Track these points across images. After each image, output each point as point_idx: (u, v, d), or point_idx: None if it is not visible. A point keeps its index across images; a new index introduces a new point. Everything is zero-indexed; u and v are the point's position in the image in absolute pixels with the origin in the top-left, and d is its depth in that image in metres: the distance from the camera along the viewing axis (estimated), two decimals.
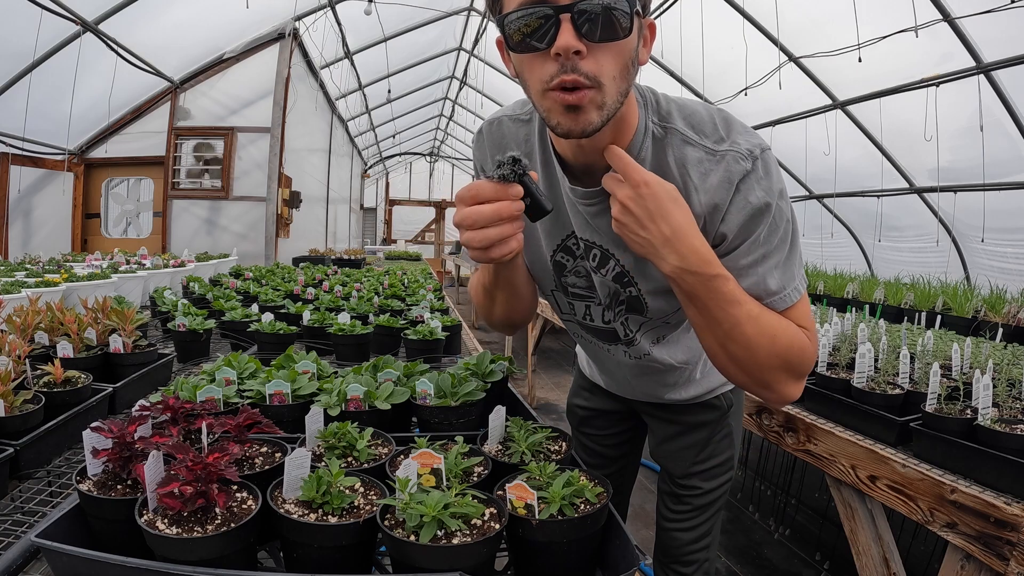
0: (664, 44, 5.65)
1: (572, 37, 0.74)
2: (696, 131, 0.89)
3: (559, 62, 0.75)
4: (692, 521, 1.33)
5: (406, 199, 16.80)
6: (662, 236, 0.81)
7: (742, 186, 0.86)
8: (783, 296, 0.90)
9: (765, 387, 0.90)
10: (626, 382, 1.30)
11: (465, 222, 0.77)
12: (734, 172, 0.86)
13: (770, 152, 0.88)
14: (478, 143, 1.09)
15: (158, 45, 5.51)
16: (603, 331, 1.13)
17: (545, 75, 0.77)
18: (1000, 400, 1.61)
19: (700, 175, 0.88)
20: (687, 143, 0.89)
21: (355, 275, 4.59)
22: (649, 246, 0.82)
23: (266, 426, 1.03)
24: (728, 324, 0.84)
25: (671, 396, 1.28)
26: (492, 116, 1.08)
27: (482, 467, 1.01)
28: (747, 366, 0.88)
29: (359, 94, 9.50)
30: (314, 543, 0.81)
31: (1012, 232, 4.50)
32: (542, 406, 5.33)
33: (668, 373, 1.21)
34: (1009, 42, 3.63)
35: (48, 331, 1.78)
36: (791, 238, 0.90)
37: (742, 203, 0.86)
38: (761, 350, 0.86)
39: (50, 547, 0.74)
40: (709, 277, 0.82)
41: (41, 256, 3.93)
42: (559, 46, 0.74)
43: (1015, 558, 1.25)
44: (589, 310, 1.11)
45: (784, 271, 0.90)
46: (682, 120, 0.90)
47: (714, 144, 0.88)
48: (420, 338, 2.10)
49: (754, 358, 0.87)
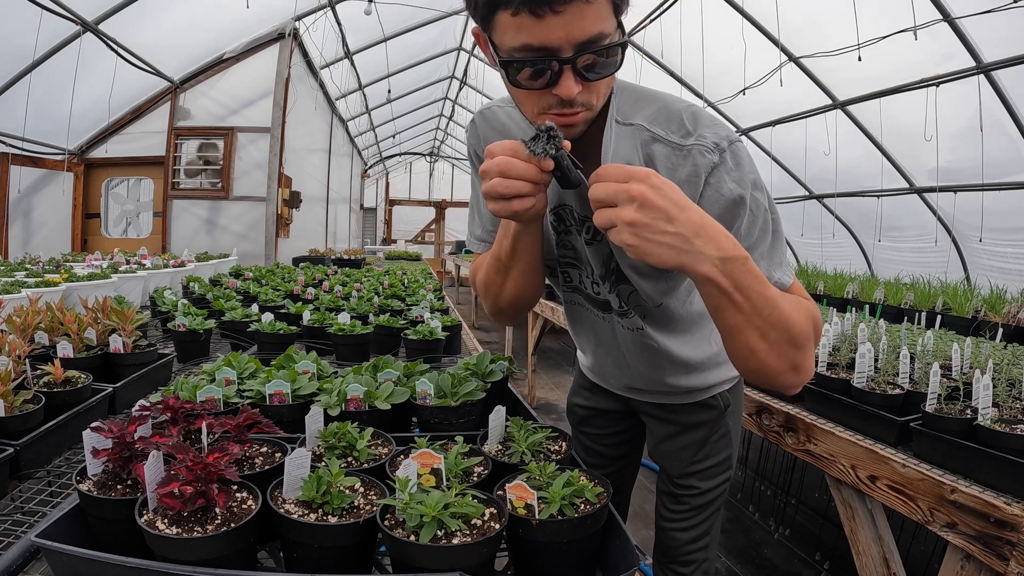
0: (664, 44, 5.65)
1: (573, 84, 0.77)
2: (663, 125, 0.90)
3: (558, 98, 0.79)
4: (690, 521, 1.32)
5: (406, 199, 16.81)
6: (694, 224, 0.72)
7: (711, 179, 0.86)
8: (777, 280, 0.90)
9: (796, 369, 0.86)
10: (624, 363, 1.26)
11: (492, 170, 0.78)
12: (701, 165, 0.86)
13: (740, 144, 0.88)
14: (471, 131, 1.12)
15: (158, 45, 5.51)
16: (597, 300, 1.14)
17: (543, 104, 0.81)
18: (1000, 400, 1.61)
19: (668, 170, 0.88)
20: (654, 139, 0.90)
21: (355, 275, 4.59)
22: (681, 242, 0.72)
23: (266, 426, 1.03)
24: (767, 307, 0.79)
25: (671, 380, 1.24)
26: (484, 107, 1.12)
27: (482, 467, 1.01)
28: (787, 348, 0.83)
29: (359, 94, 9.50)
30: (314, 543, 0.81)
31: (1012, 232, 4.50)
32: (542, 406, 5.33)
33: (659, 352, 1.18)
34: (1009, 42, 3.63)
35: (48, 331, 1.78)
36: (772, 226, 0.90)
37: (714, 197, 0.86)
38: (798, 325, 0.83)
39: (50, 547, 0.74)
40: (744, 258, 0.76)
41: (41, 256, 3.93)
42: (563, 93, 0.78)
43: (1015, 558, 1.25)
44: (582, 279, 1.12)
45: (771, 260, 0.90)
46: (647, 116, 0.91)
47: (680, 139, 0.88)
48: (420, 338, 2.10)
49: (794, 336, 0.83)
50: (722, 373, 1.28)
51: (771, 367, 0.85)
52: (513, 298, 1.06)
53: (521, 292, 1.05)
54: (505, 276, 1.02)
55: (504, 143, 0.79)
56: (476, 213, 1.18)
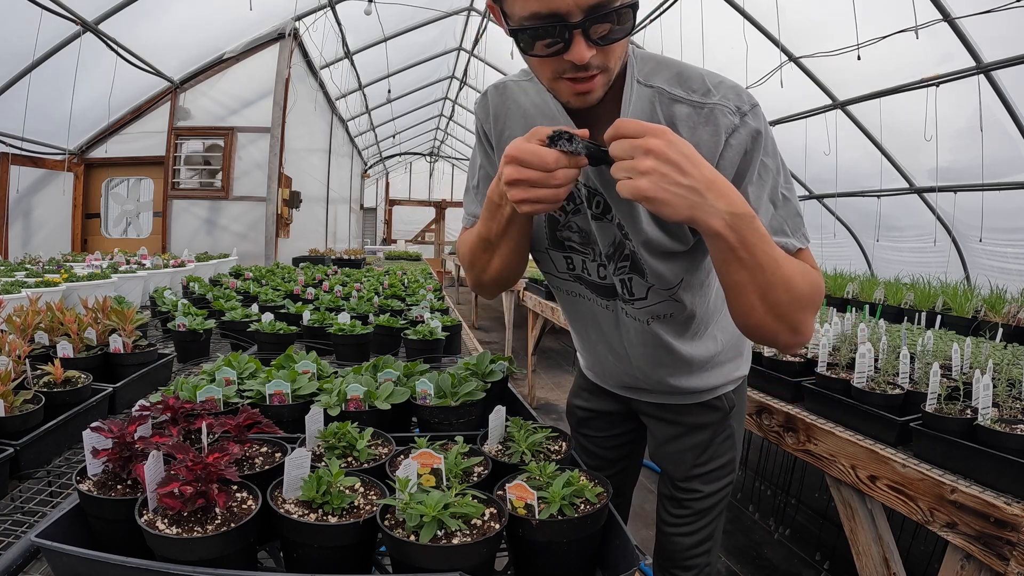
0: (664, 44, 5.66)
1: (585, 49, 0.77)
2: (683, 87, 0.91)
3: (572, 63, 0.79)
4: (693, 525, 1.30)
5: (406, 199, 16.82)
6: (706, 179, 0.75)
7: (732, 140, 0.88)
8: (785, 244, 0.93)
9: (794, 330, 0.90)
10: (626, 358, 1.22)
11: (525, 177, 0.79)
12: (722, 126, 0.88)
13: (760, 109, 0.90)
14: (482, 105, 1.11)
15: (158, 45, 5.51)
16: (601, 286, 1.12)
17: (559, 69, 0.82)
18: (1000, 400, 1.61)
19: (689, 130, 0.90)
20: (675, 100, 0.91)
21: (355, 275, 4.59)
22: (693, 195, 0.75)
23: (266, 426, 1.03)
24: (771, 266, 0.82)
25: (673, 380, 1.22)
26: (498, 81, 1.11)
27: (482, 467, 1.01)
28: (784, 310, 0.87)
29: (359, 94, 9.50)
30: (314, 543, 0.81)
31: (1012, 232, 4.50)
32: (542, 406, 5.33)
33: (664, 348, 1.16)
34: (1009, 42, 3.63)
35: (48, 331, 1.78)
36: (784, 190, 0.94)
37: (734, 158, 0.89)
38: (799, 287, 0.86)
39: (50, 547, 0.74)
40: (751, 217, 0.79)
41: (41, 256, 3.93)
42: (575, 58, 0.78)
43: (1015, 558, 1.25)
44: (585, 264, 1.11)
45: (781, 221, 0.94)
46: (667, 78, 0.92)
47: (701, 98, 0.90)
48: (420, 338, 2.10)
49: (794, 298, 0.86)
50: (725, 374, 1.26)
51: (769, 325, 0.88)
52: (497, 275, 1.09)
53: (506, 269, 1.07)
54: (492, 255, 1.04)
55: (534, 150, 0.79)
56: (474, 191, 1.18)
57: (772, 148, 0.92)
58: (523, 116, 1.04)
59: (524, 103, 1.05)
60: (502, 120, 1.08)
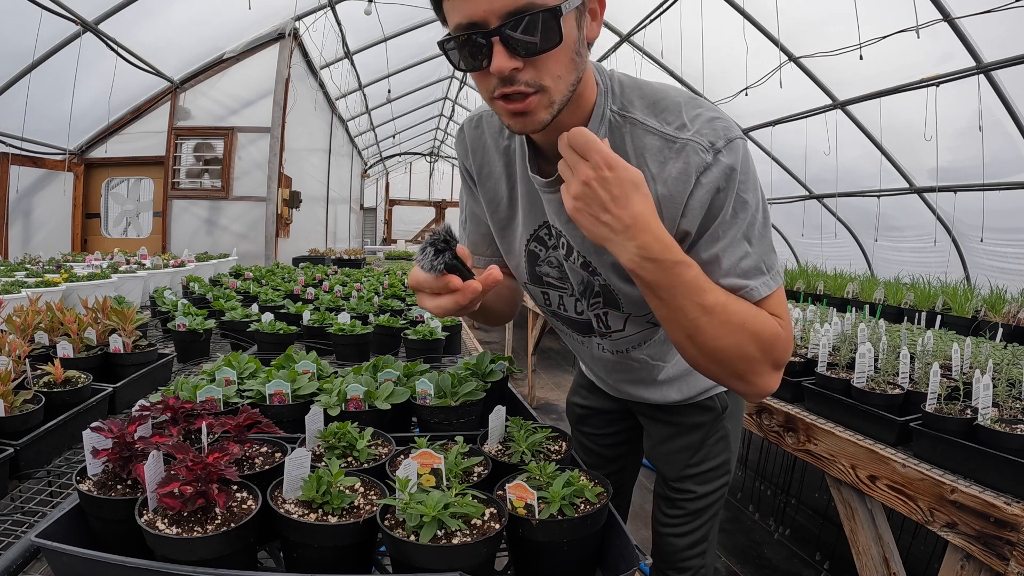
0: (664, 44, 5.66)
1: (505, 59, 0.75)
2: (658, 117, 0.87)
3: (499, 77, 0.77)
4: (687, 526, 1.31)
5: (406, 199, 16.81)
6: (622, 224, 0.77)
7: (703, 179, 0.83)
8: (752, 288, 0.86)
9: (739, 379, 0.87)
10: (603, 379, 1.32)
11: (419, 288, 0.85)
12: (692, 164, 0.83)
13: (738, 143, 0.84)
14: (459, 140, 1.12)
15: (158, 45, 5.51)
16: (577, 322, 1.13)
17: (489, 86, 0.80)
18: (1000, 400, 1.61)
19: (658, 164, 0.86)
20: (647, 132, 0.87)
21: (355, 275, 4.59)
22: (608, 232, 0.78)
23: (266, 426, 1.03)
24: (694, 314, 0.81)
25: (650, 396, 1.26)
26: (473, 113, 1.10)
27: (482, 467, 1.01)
28: (717, 357, 0.84)
29: (359, 94, 9.50)
30: (314, 543, 0.81)
31: (1012, 232, 4.49)
32: (542, 406, 5.33)
33: (641, 370, 1.18)
34: (1009, 42, 3.63)
35: (48, 331, 1.78)
36: (756, 231, 0.87)
37: (704, 198, 0.84)
38: (730, 339, 0.82)
39: (50, 547, 0.74)
40: (671, 264, 0.78)
41: (41, 256, 3.93)
42: (494, 69, 0.76)
43: (1015, 558, 1.25)
44: (562, 300, 1.11)
45: (753, 261, 0.86)
46: (643, 107, 0.88)
47: (675, 131, 0.85)
48: (420, 338, 2.10)
49: (723, 348, 0.83)
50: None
51: (706, 368, 0.88)
52: (494, 319, 1.15)
53: (499, 316, 1.14)
54: (475, 315, 1.07)
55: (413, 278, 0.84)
56: (462, 227, 1.21)
57: (751, 183, 0.86)
58: (498, 149, 1.04)
59: (497, 130, 1.04)
60: (479, 155, 1.07)
